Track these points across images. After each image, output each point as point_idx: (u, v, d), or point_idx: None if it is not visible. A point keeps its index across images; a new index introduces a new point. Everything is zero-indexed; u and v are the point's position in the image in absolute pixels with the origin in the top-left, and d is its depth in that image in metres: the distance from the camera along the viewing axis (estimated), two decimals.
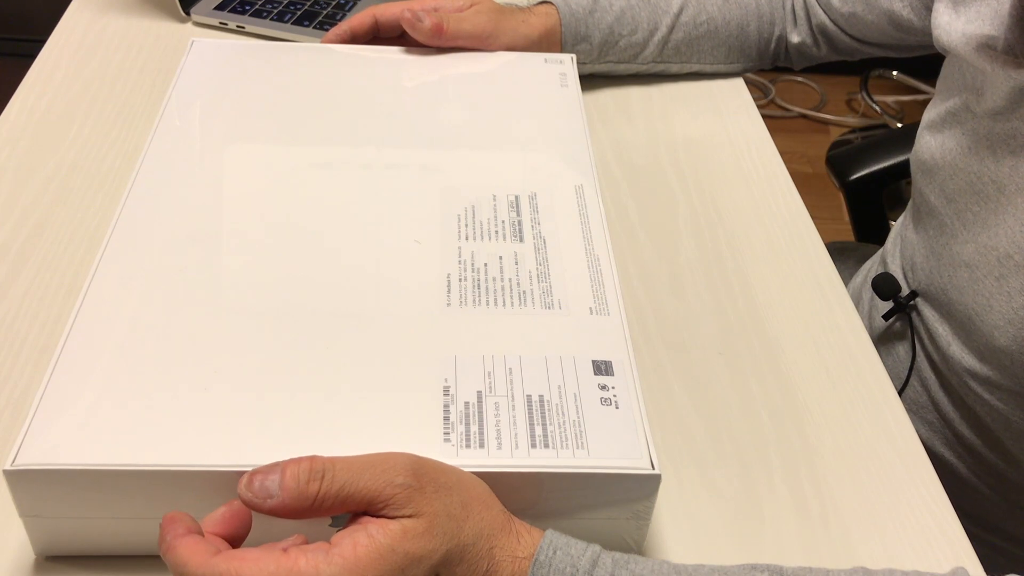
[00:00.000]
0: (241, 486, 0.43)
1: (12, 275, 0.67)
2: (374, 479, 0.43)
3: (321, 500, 0.43)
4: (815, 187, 2.15)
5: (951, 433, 0.77)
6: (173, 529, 0.43)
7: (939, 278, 0.74)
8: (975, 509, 0.77)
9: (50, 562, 0.51)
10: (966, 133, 0.70)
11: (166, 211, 0.61)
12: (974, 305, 0.70)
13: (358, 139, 0.69)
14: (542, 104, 0.75)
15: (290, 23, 0.96)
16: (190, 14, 0.96)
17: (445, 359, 0.52)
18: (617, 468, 0.48)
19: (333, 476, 0.43)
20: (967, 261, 0.71)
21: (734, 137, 0.86)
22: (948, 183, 0.72)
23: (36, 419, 0.48)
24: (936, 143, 0.74)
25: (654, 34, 0.87)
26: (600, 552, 0.45)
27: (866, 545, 0.55)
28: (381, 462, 0.44)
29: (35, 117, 0.82)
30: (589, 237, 0.62)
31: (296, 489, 0.43)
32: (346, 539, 0.43)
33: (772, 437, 0.61)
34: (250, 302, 0.55)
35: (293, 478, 0.43)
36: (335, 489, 0.43)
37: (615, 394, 0.51)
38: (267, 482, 0.43)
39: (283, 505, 0.43)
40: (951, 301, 0.73)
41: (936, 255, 0.75)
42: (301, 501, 0.43)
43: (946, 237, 0.73)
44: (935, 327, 0.75)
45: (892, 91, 2.56)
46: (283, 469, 0.43)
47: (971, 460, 0.76)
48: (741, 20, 0.90)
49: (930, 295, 0.76)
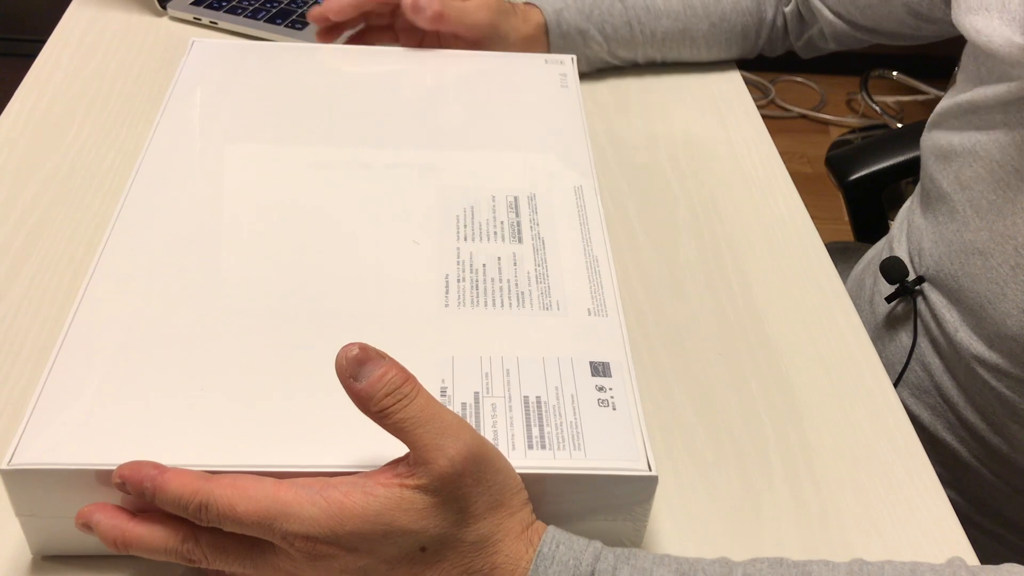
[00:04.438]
0: (353, 349, 0.43)
1: (12, 275, 0.67)
2: (432, 436, 0.43)
3: (382, 416, 0.43)
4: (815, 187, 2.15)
5: (954, 417, 0.77)
6: (149, 469, 0.44)
7: (949, 264, 0.74)
8: (976, 493, 0.78)
9: (47, 562, 0.51)
10: (987, 121, 0.70)
11: (165, 211, 0.61)
12: (987, 292, 0.70)
13: (357, 139, 0.69)
14: (542, 104, 0.75)
15: (263, 20, 0.97)
16: (166, 9, 0.97)
17: (442, 360, 0.52)
18: (614, 470, 0.48)
19: (407, 407, 0.43)
20: (980, 249, 0.70)
21: (734, 137, 0.86)
22: (965, 171, 0.72)
23: (33, 418, 0.48)
24: (955, 130, 0.74)
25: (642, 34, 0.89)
26: (602, 547, 0.45)
27: (865, 545, 0.55)
28: (451, 427, 0.43)
29: (35, 117, 0.82)
30: (588, 238, 0.62)
31: (373, 391, 0.43)
32: (342, 486, 0.43)
33: (772, 437, 0.61)
34: (248, 302, 0.55)
35: (380, 381, 0.43)
36: (398, 417, 0.43)
37: (612, 395, 0.51)
38: (367, 367, 0.43)
39: (355, 393, 0.43)
40: (962, 288, 0.73)
41: (946, 241, 0.74)
42: (368, 404, 0.43)
43: (957, 224, 0.73)
44: (942, 313, 0.75)
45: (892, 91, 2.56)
46: (385, 369, 0.43)
47: (974, 444, 0.76)
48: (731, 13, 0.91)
49: (939, 281, 0.76)
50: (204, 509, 0.43)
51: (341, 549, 0.43)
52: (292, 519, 0.42)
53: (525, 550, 0.45)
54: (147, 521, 0.45)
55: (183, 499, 0.43)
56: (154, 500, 0.44)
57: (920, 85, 2.55)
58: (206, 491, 0.43)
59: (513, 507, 0.45)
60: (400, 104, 0.73)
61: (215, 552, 0.44)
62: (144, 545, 0.45)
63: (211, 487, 0.43)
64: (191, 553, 0.44)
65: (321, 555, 0.43)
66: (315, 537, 0.42)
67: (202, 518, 0.43)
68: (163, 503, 0.44)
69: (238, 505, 0.42)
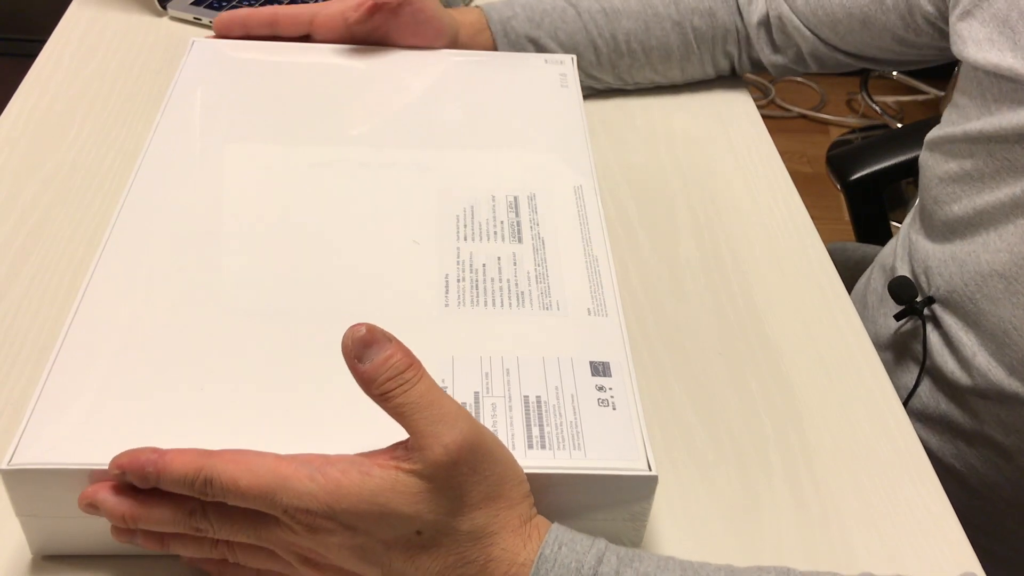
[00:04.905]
0: (360, 330, 0.43)
1: (12, 275, 0.67)
2: (428, 423, 0.43)
3: (382, 398, 0.43)
4: (815, 187, 2.15)
5: (964, 444, 0.75)
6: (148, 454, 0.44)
7: (963, 286, 0.72)
8: (985, 519, 0.75)
9: (47, 562, 0.51)
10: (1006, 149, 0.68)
11: (165, 211, 0.61)
12: (1012, 318, 0.68)
13: (357, 139, 0.69)
14: (542, 104, 0.75)
15: None
16: (166, 9, 0.97)
17: (443, 359, 0.52)
18: (614, 469, 0.48)
19: (408, 392, 0.43)
20: (1001, 272, 0.68)
21: (734, 137, 0.86)
22: (983, 195, 0.70)
23: (33, 418, 0.48)
24: (965, 156, 0.72)
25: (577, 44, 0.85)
26: (605, 548, 0.45)
27: (865, 545, 0.55)
28: (449, 415, 0.44)
29: (35, 117, 0.82)
30: (588, 238, 0.62)
31: (376, 373, 0.43)
32: (340, 464, 0.44)
33: (772, 437, 0.61)
34: (248, 302, 0.55)
35: (385, 364, 0.43)
36: (397, 402, 0.43)
37: (612, 395, 0.51)
38: (372, 349, 0.43)
39: (359, 374, 0.44)
40: (981, 311, 0.70)
41: (959, 262, 0.72)
42: (370, 385, 0.43)
43: (973, 246, 0.71)
44: (959, 336, 0.73)
45: (892, 91, 2.56)
46: (391, 352, 0.44)
47: (984, 471, 0.74)
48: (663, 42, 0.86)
49: (953, 303, 0.73)
50: (209, 484, 0.43)
51: (338, 525, 0.43)
52: (291, 493, 0.43)
53: (523, 545, 0.45)
54: (152, 496, 0.46)
55: (188, 476, 0.44)
56: (158, 481, 0.44)
57: (920, 85, 2.55)
58: (209, 466, 0.44)
59: (512, 499, 0.45)
60: (400, 104, 0.73)
61: (221, 521, 0.45)
62: (152, 518, 0.45)
63: (214, 462, 0.44)
64: (199, 523, 0.45)
65: (320, 528, 0.44)
66: (313, 511, 0.43)
67: (207, 492, 0.44)
68: (167, 483, 0.44)
69: (240, 479, 0.43)
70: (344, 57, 0.78)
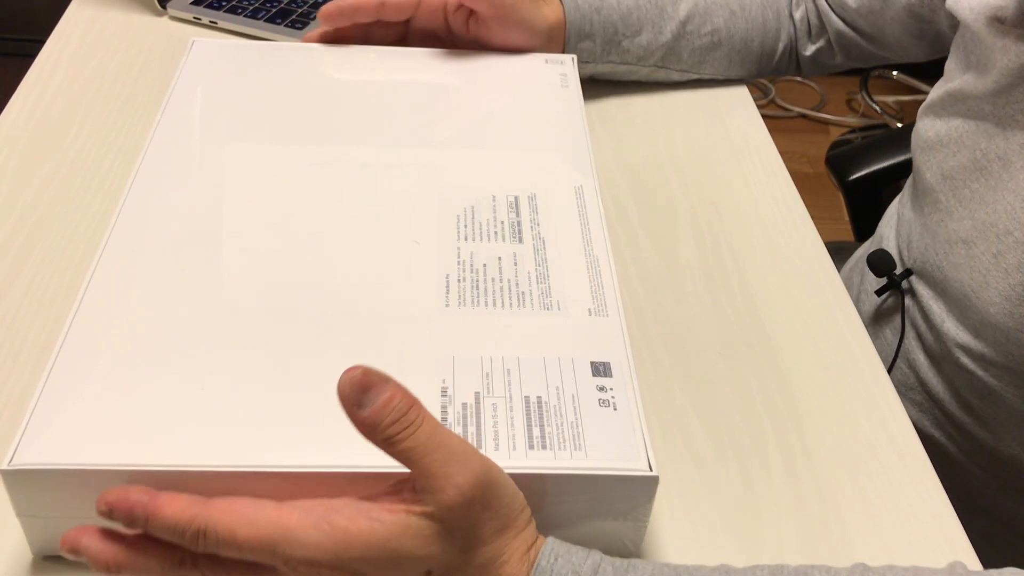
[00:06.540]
0: (356, 374, 0.41)
1: (12, 275, 0.67)
2: (440, 464, 0.42)
3: (388, 444, 0.42)
4: (815, 187, 2.15)
5: (941, 413, 0.77)
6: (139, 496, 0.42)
7: (934, 255, 0.74)
8: (965, 490, 0.77)
9: (47, 562, 0.51)
10: (973, 110, 0.70)
11: (165, 211, 0.61)
12: (970, 281, 0.70)
13: (357, 139, 0.69)
14: (542, 104, 0.75)
15: (263, 20, 0.97)
16: (166, 9, 0.97)
17: (443, 360, 0.52)
18: (615, 470, 0.48)
19: (415, 435, 0.42)
20: (964, 238, 0.71)
21: (734, 137, 0.86)
22: (948, 160, 0.72)
23: (33, 419, 0.48)
24: (941, 121, 0.74)
25: (658, 38, 0.86)
26: (601, 560, 0.45)
27: (865, 545, 0.55)
28: (458, 454, 0.42)
29: (35, 117, 0.82)
30: (588, 238, 0.62)
31: (379, 419, 0.41)
32: (346, 511, 0.42)
33: (772, 437, 0.61)
34: (248, 302, 0.55)
35: (386, 408, 0.41)
36: (405, 446, 0.42)
37: (613, 396, 0.51)
38: (371, 393, 0.42)
39: (360, 422, 0.42)
40: (947, 278, 0.73)
41: (931, 233, 0.75)
42: (373, 432, 0.42)
43: (941, 214, 0.73)
44: (929, 304, 0.76)
45: (892, 91, 2.56)
46: (391, 395, 0.42)
47: (961, 440, 0.76)
48: (746, 34, 0.89)
49: (925, 272, 0.76)
50: (202, 536, 0.42)
51: (345, 573, 0.42)
52: (295, 544, 0.41)
53: (528, 572, 0.44)
54: (139, 543, 0.44)
55: (179, 526, 0.42)
56: (147, 527, 0.42)
57: (920, 85, 2.55)
58: (203, 517, 0.42)
59: (518, 526, 0.45)
60: (400, 103, 0.73)
61: (214, 572, 0.43)
62: (138, 567, 0.43)
63: (209, 512, 0.42)
64: (188, 574, 0.43)
65: None
66: (319, 562, 0.42)
67: (199, 545, 0.42)
68: (157, 530, 0.42)
69: (238, 531, 0.41)
70: (344, 57, 0.78)
